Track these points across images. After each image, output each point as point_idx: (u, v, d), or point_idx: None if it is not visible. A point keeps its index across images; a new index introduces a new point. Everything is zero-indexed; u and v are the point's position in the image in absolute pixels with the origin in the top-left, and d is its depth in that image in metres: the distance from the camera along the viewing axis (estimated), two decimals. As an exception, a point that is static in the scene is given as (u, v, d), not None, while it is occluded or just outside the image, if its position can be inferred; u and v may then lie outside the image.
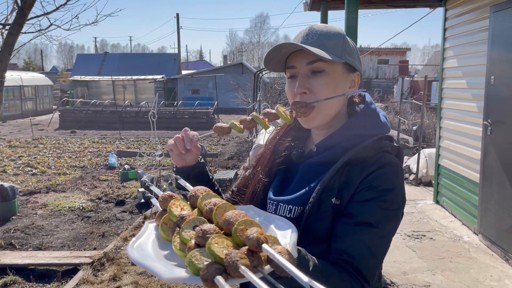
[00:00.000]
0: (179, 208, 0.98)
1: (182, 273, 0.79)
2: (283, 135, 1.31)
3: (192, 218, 0.91)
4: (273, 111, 1.19)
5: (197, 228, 0.84)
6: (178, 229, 0.91)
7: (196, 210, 0.99)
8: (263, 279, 0.73)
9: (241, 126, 1.19)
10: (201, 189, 1.03)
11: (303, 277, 0.67)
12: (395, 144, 1.17)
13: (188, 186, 1.12)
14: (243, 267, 0.72)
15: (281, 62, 1.19)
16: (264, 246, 0.76)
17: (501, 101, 4.35)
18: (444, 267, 4.12)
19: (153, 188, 1.18)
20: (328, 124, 1.19)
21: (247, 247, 0.78)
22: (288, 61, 1.18)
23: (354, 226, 1.05)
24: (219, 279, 0.71)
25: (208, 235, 0.81)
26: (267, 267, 0.77)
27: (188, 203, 1.03)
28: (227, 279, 0.73)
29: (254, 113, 1.21)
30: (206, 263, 0.75)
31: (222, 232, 0.85)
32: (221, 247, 0.78)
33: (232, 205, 0.95)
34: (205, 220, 0.92)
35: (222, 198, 1.30)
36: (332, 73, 1.13)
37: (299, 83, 1.13)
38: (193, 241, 0.84)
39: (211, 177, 1.34)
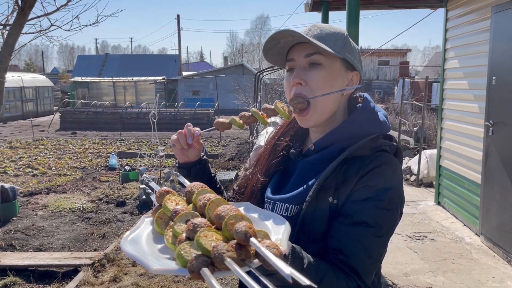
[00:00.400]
0: (174, 202, 0.99)
1: (170, 265, 0.80)
2: (281, 135, 1.31)
3: (185, 212, 0.91)
4: (272, 107, 1.20)
5: (189, 221, 0.85)
6: (172, 223, 0.91)
7: (191, 205, 0.99)
8: (249, 273, 0.73)
9: (241, 121, 1.21)
10: (197, 185, 1.04)
11: (285, 269, 0.67)
12: (393, 143, 1.16)
13: (186, 182, 1.13)
14: (228, 260, 0.72)
15: (281, 56, 1.19)
16: (252, 239, 0.76)
17: (503, 102, 4.33)
18: (446, 268, 4.10)
19: (153, 185, 1.18)
20: (326, 123, 1.18)
21: (235, 240, 0.78)
22: (288, 54, 1.18)
23: (350, 225, 1.04)
24: (205, 270, 0.71)
25: (198, 229, 0.81)
26: (256, 261, 0.77)
27: (185, 198, 1.03)
28: (214, 272, 0.73)
29: (253, 108, 1.23)
30: (194, 255, 0.76)
31: (213, 226, 0.86)
32: (209, 240, 0.78)
33: (226, 200, 0.95)
34: (198, 214, 0.92)
35: (223, 195, 1.30)
36: (329, 68, 1.13)
37: (295, 74, 1.13)
38: (184, 235, 0.84)
39: (213, 174, 1.34)
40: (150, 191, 1.29)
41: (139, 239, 0.92)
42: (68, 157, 11.64)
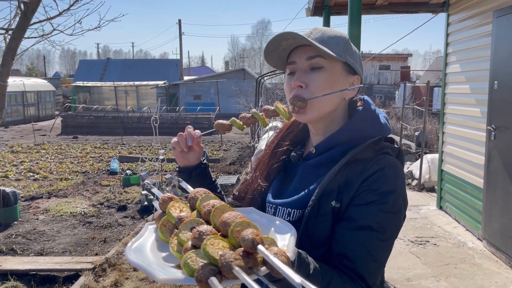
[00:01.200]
0: (178, 209, 0.97)
1: (177, 274, 0.79)
2: (281, 139, 1.29)
3: (189, 220, 0.90)
4: (272, 107, 1.18)
5: (194, 229, 0.83)
6: (176, 230, 0.90)
7: (195, 211, 0.98)
8: (258, 280, 0.72)
9: (241, 122, 1.20)
10: (200, 191, 1.02)
11: (296, 278, 0.66)
12: (395, 145, 1.15)
13: (189, 188, 1.11)
14: (237, 268, 0.71)
15: (282, 58, 1.18)
16: (259, 247, 0.75)
17: (505, 106, 4.33)
18: (448, 273, 4.08)
19: (155, 191, 1.17)
20: (325, 124, 1.17)
21: (242, 248, 0.77)
22: (289, 57, 1.17)
23: (355, 230, 1.03)
24: (213, 280, 0.70)
25: (204, 236, 0.80)
26: (263, 269, 0.76)
27: (188, 205, 1.02)
28: (222, 281, 0.72)
29: (253, 110, 1.22)
30: (201, 264, 0.74)
31: (219, 233, 0.84)
32: (216, 248, 0.77)
33: (231, 206, 0.93)
34: (203, 221, 0.91)
35: (224, 200, 1.29)
36: (331, 71, 1.12)
37: (296, 77, 1.12)
38: (189, 243, 0.83)
39: (213, 179, 1.33)
40: (152, 196, 1.28)
41: (143, 247, 0.91)
42: (70, 161, 11.64)
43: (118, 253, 4.77)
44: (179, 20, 36.38)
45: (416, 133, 10.97)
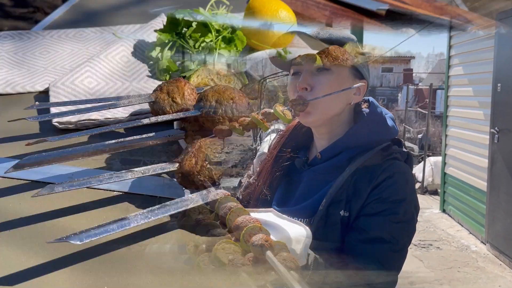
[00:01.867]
0: (197, 211, 0.98)
1: None
2: (283, 145, 1.24)
3: (205, 222, 0.91)
4: (271, 111, 1.15)
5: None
6: None
7: (213, 213, 0.98)
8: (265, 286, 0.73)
9: (241, 127, 1.17)
10: (220, 192, 1.01)
11: (296, 286, 0.67)
12: (404, 149, 1.12)
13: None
14: (243, 274, 0.72)
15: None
16: (268, 253, 0.74)
17: (508, 108, 4.31)
18: (451, 277, 4.06)
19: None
20: (330, 129, 1.13)
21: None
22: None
23: (366, 243, 1.00)
24: None
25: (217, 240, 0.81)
26: (273, 273, 0.75)
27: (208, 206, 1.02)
28: None
29: (252, 114, 1.18)
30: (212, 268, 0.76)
31: (233, 238, 0.85)
32: (227, 253, 0.77)
33: (246, 210, 0.92)
34: (218, 225, 0.91)
35: None
36: (338, 73, 1.08)
37: (302, 78, 1.08)
38: (204, 245, 0.84)
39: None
40: None
41: None
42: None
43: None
44: (182, 23, 36.55)
45: (419, 136, 10.94)
